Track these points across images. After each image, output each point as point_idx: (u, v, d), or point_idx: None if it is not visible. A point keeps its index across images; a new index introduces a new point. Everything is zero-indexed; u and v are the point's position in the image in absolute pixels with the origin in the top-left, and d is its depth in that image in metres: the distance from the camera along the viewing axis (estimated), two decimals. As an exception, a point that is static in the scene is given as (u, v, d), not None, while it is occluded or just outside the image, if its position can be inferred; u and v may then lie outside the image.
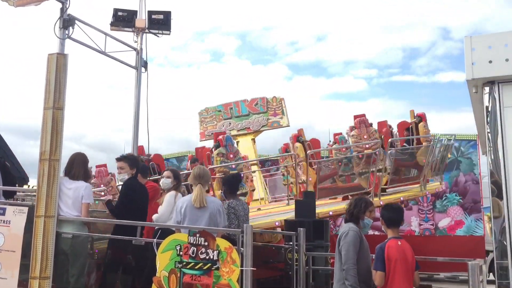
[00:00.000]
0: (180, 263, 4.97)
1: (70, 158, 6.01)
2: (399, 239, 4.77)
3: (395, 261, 4.59)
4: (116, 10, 9.82)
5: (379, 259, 4.64)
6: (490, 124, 4.14)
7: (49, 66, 5.79)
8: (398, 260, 4.60)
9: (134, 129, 9.78)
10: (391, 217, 4.86)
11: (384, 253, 4.62)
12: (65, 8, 6.23)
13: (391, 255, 4.61)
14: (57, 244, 5.54)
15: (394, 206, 5.12)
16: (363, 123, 10.42)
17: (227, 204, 6.15)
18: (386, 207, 5.06)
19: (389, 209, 4.96)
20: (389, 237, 4.80)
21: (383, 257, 4.62)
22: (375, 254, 4.72)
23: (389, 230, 4.84)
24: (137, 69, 9.48)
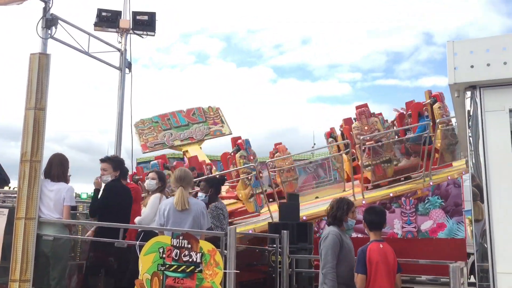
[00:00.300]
0: (163, 266, 4.94)
1: (49, 159, 5.96)
2: (381, 242, 4.81)
3: (376, 263, 4.62)
4: (100, 10, 9.74)
5: (360, 262, 4.67)
6: (472, 128, 4.19)
7: (31, 66, 5.72)
8: (379, 263, 4.63)
9: (118, 130, 9.72)
10: (373, 220, 4.90)
11: (366, 256, 4.65)
12: (48, 8, 6.18)
13: (372, 258, 4.64)
14: (37, 246, 5.47)
15: (377, 209, 5.15)
16: (363, 114, 10.46)
17: (214, 206, 6.19)
18: (369, 210, 5.09)
19: (371, 212, 4.99)
20: (371, 240, 4.83)
21: (364, 260, 4.64)
22: (357, 257, 4.75)
23: (371, 233, 4.87)
24: (121, 70, 9.43)
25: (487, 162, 4.00)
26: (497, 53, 4.07)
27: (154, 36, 9.96)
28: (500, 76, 4.04)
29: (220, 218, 6.19)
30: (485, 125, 4.07)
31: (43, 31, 6.15)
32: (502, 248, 3.84)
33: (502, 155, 3.97)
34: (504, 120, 4.04)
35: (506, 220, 3.87)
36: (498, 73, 4.04)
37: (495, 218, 3.89)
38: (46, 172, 5.86)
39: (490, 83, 4.11)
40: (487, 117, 4.08)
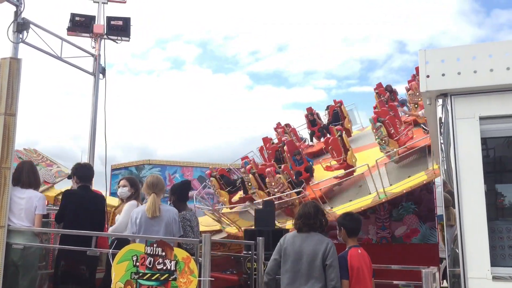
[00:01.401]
0: (137, 274, 4.87)
1: (17, 166, 5.84)
2: (359, 248, 4.85)
3: (357, 269, 4.68)
4: (74, 15, 9.61)
5: (343, 268, 4.68)
6: (443, 135, 4.27)
7: (2, 70, 5.61)
8: (360, 268, 4.68)
9: (91, 136, 9.56)
10: (353, 227, 4.96)
11: (347, 262, 4.68)
12: (19, 12, 6.06)
13: (354, 263, 4.69)
14: (7, 255, 5.33)
15: (355, 216, 5.18)
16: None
17: (181, 216, 5.91)
18: (346, 217, 5.09)
19: (350, 219, 5.02)
20: (349, 245, 4.86)
21: (346, 266, 4.68)
22: (339, 264, 4.74)
23: (350, 239, 4.91)
24: (94, 75, 9.30)
25: (458, 168, 4.08)
26: (467, 62, 4.17)
27: (129, 41, 9.87)
28: (470, 85, 4.13)
29: (187, 229, 5.91)
30: (456, 132, 4.15)
31: (14, 35, 6.02)
32: (474, 253, 3.91)
33: (473, 162, 4.05)
34: (475, 127, 4.13)
35: (477, 226, 3.94)
36: (469, 82, 4.13)
37: (467, 224, 3.96)
38: (15, 179, 5.72)
39: (461, 91, 4.20)
40: (458, 124, 4.16)
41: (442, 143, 4.23)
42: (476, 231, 3.93)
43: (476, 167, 4.02)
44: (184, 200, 6.29)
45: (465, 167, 4.07)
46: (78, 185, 5.95)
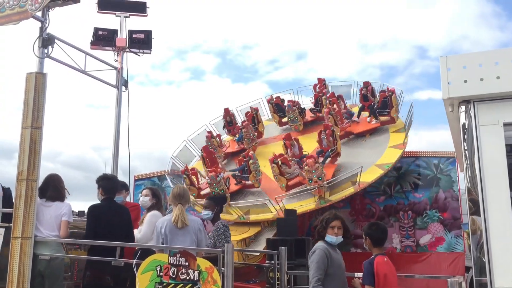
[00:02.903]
0: (160, 284, 4.91)
1: (45, 179, 5.95)
2: (385, 256, 4.83)
3: (384, 276, 4.64)
4: (97, 29, 9.81)
5: (369, 274, 4.66)
6: (467, 142, 4.22)
7: (28, 85, 5.74)
8: (387, 275, 4.65)
9: (114, 147, 9.68)
10: (379, 237, 4.92)
11: (374, 268, 4.65)
12: (44, 27, 6.20)
13: (380, 270, 4.65)
14: (34, 266, 5.43)
15: (381, 226, 5.13)
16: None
17: (221, 224, 6.25)
18: (372, 227, 5.02)
19: (376, 229, 4.97)
20: (375, 254, 4.82)
21: (373, 272, 4.65)
22: (364, 270, 4.72)
23: (376, 248, 4.87)
24: (117, 88, 9.44)
25: (482, 175, 4.02)
26: (490, 67, 4.12)
27: (150, 53, 10.03)
28: (493, 91, 4.08)
29: (227, 235, 6.19)
30: (480, 139, 4.10)
31: (39, 51, 6.15)
32: (500, 262, 3.84)
33: (498, 169, 3.99)
34: (499, 133, 4.07)
35: (503, 234, 3.87)
36: (492, 88, 4.08)
37: (492, 232, 3.89)
38: (42, 192, 5.85)
39: (484, 97, 4.15)
40: (482, 131, 4.11)
41: (466, 150, 4.18)
42: (502, 239, 3.86)
43: (501, 174, 3.96)
44: (221, 211, 6.60)
45: (490, 174, 4.01)
46: (103, 197, 6.03)
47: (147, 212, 6.35)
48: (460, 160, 6.91)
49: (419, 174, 14.08)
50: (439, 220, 13.67)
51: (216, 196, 7.23)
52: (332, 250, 4.83)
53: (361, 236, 5.15)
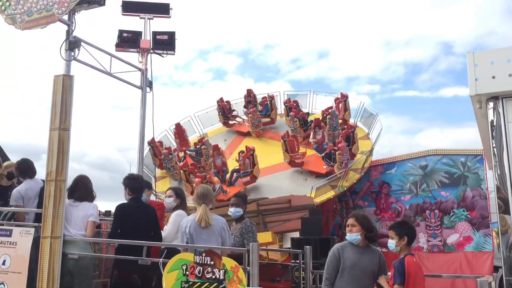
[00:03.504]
0: (186, 283, 4.95)
1: (73, 180, 6.07)
2: (413, 255, 4.79)
3: (414, 275, 4.62)
4: (121, 31, 9.94)
5: (400, 274, 4.62)
6: (495, 139, 4.14)
7: (56, 87, 5.85)
8: (416, 275, 4.63)
9: (140, 148, 9.80)
10: (414, 236, 4.91)
11: (405, 268, 4.62)
12: (70, 30, 6.30)
13: (411, 270, 4.63)
14: (63, 264, 5.53)
15: (412, 225, 5.11)
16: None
17: (249, 222, 6.28)
18: (405, 226, 4.98)
19: (410, 228, 4.96)
20: (404, 253, 4.77)
21: (403, 272, 4.61)
22: (395, 269, 4.67)
23: (408, 247, 4.83)
24: (142, 89, 9.54)
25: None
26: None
27: (174, 54, 10.12)
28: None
29: (255, 234, 6.22)
30: (509, 136, 4.02)
31: (66, 53, 6.26)
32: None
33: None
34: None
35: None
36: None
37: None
38: (71, 192, 5.99)
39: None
40: (511, 128, 4.03)
41: (495, 147, 4.10)
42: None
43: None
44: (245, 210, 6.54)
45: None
46: (130, 196, 6.10)
47: (171, 212, 6.41)
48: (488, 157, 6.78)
49: (446, 172, 13.87)
50: (467, 219, 13.44)
51: (242, 194, 7.19)
52: (352, 249, 4.82)
53: (386, 235, 5.09)
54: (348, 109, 16.28)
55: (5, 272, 5.55)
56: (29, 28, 6.08)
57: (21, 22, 6.07)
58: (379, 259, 4.84)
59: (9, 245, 5.64)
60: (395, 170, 14.65)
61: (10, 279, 5.51)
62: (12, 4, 6.15)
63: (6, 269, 5.56)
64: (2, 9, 6.19)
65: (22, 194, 6.23)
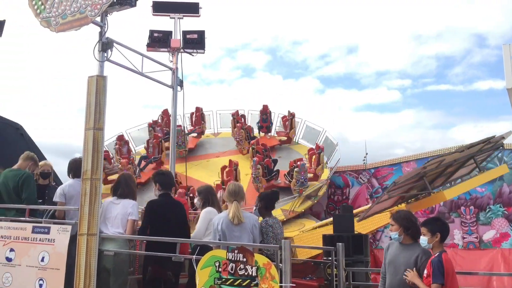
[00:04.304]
0: (219, 280, 4.99)
1: (117, 178, 6.26)
2: (447, 253, 4.73)
3: (452, 273, 4.57)
4: (152, 31, 10.06)
5: (440, 272, 4.55)
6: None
7: (89, 88, 5.98)
8: (454, 273, 4.60)
9: (172, 145, 9.94)
10: (447, 233, 4.85)
11: (444, 266, 4.55)
12: (103, 32, 6.42)
13: (449, 268, 4.57)
14: (99, 261, 5.66)
15: (443, 221, 5.03)
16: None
17: (264, 222, 6.00)
18: (438, 222, 4.91)
19: (443, 225, 4.89)
20: (439, 250, 4.71)
21: (443, 270, 4.54)
22: (434, 267, 4.60)
23: (441, 245, 4.77)
24: (173, 88, 9.65)
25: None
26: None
27: (204, 53, 10.19)
28: (562, 78, 3.87)
29: (269, 235, 5.89)
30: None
31: (99, 54, 6.38)
32: None
33: None
34: None
35: None
36: (560, 75, 3.87)
37: None
38: (114, 190, 6.19)
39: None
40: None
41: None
42: None
43: None
44: (270, 208, 6.28)
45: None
46: (160, 192, 6.19)
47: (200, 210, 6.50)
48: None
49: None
50: (504, 215, 13.14)
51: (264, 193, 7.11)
52: (396, 246, 4.99)
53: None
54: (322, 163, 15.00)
55: (44, 268, 5.72)
56: (64, 30, 6.21)
57: (55, 25, 6.21)
58: (417, 257, 4.79)
59: (48, 242, 5.80)
60: (428, 166, 14.39)
61: (49, 275, 5.67)
62: (47, 8, 6.30)
63: (45, 266, 5.72)
64: (37, 12, 6.35)
65: (65, 191, 6.40)
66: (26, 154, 7.00)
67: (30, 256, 5.83)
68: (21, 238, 5.94)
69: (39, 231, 5.88)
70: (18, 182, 6.48)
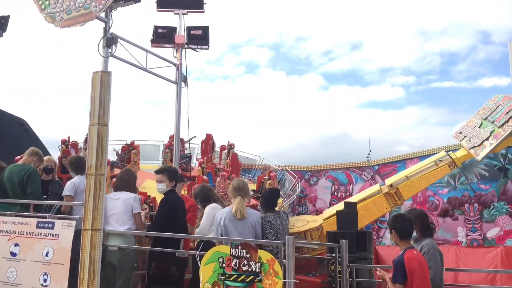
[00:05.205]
0: (223, 275, 5.00)
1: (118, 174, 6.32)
2: (414, 249, 4.65)
3: (419, 271, 4.47)
4: (156, 27, 10.06)
5: (399, 272, 4.50)
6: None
7: (94, 83, 5.98)
8: (418, 270, 4.47)
9: (176, 142, 9.95)
10: (406, 229, 4.73)
11: (405, 265, 4.48)
12: (108, 28, 6.42)
13: (413, 266, 4.47)
14: (104, 256, 5.68)
15: (407, 218, 4.89)
16: None
17: (262, 218, 5.96)
18: (398, 219, 4.84)
19: (403, 221, 4.78)
20: (404, 248, 4.65)
21: (404, 270, 4.47)
22: (394, 266, 4.58)
23: (402, 241, 4.69)
24: (177, 84, 9.65)
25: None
26: None
27: (208, 49, 10.18)
28: None
29: (267, 231, 5.86)
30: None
31: (104, 50, 6.39)
32: None
33: None
34: None
35: None
36: None
37: None
38: (114, 185, 6.30)
39: (557, 82, 3.92)
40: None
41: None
42: None
43: None
44: (270, 206, 6.17)
45: None
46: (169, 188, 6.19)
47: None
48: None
49: (486, 164, 13.52)
50: (508, 212, 13.10)
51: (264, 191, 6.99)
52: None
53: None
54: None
55: (48, 263, 5.74)
56: (68, 26, 6.21)
57: (60, 20, 6.21)
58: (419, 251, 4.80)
59: (52, 237, 5.82)
60: (432, 163, 14.36)
61: (53, 270, 5.69)
62: (52, 3, 6.30)
63: (49, 261, 5.74)
64: (42, 8, 6.35)
65: (76, 185, 6.43)
66: (31, 150, 7.02)
67: (34, 251, 5.85)
68: (25, 233, 5.97)
69: (44, 226, 5.90)
70: (23, 177, 6.50)
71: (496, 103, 11.88)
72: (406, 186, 10.70)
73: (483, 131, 10.98)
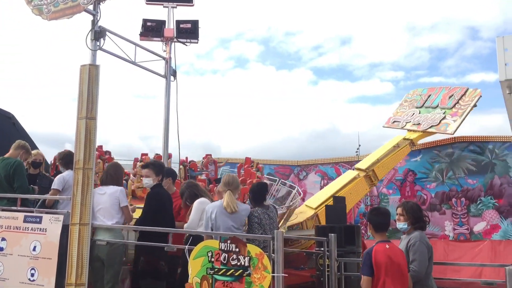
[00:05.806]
0: (212, 270, 5.00)
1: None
2: (387, 243, 4.67)
3: (386, 265, 4.48)
4: (145, 20, 9.97)
5: (366, 264, 4.57)
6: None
7: (82, 77, 5.93)
8: (388, 263, 4.49)
9: (164, 137, 9.88)
10: (381, 221, 4.78)
11: (372, 258, 4.53)
12: (96, 20, 6.35)
13: (379, 259, 4.51)
14: (92, 251, 5.66)
15: (382, 210, 4.96)
16: None
17: (250, 213, 5.92)
18: (373, 211, 4.94)
19: (377, 214, 4.85)
20: (377, 241, 4.70)
21: (370, 262, 4.53)
22: (363, 259, 4.67)
23: (377, 234, 4.74)
24: (166, 77, 9.60)
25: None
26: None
27: (198, 43, 10.12)
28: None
29: (254, 226, 5.83)
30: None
31: (92, 43, 6.33)
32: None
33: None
34: (561, 116, 3.89)
35: None
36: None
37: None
38: (100, 179, 6.28)
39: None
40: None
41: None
42: None
43: None
44: (258, 201, 6.10)
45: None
46: (156, 183, 6.17)
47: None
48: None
49: (473, 159, 13.65)
50: (494, 207, 13.25)
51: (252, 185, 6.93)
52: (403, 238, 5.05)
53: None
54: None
55: (36, 258, 5.70)
56: (56, 18, 6.14)
57: (47, 13, 6.14)
58: (407, 242, 4.85)
59: (39, 231, 5.78)
60: (420, 158, 14.50)
61: (41, 264, 5.65)
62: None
63: (37, 255, 5.70)
64: (29, 0, 6.28)
65: (65, 179, 6.40)
66: (17, 143, 6.95)
67: (21, 245, 5.80)
68: (12, 227, 5.92)
69: (31, 221, 5.86)
70: (10, 171, 6.44)
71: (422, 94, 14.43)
72: (380, 167, 12.42)
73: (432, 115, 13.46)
